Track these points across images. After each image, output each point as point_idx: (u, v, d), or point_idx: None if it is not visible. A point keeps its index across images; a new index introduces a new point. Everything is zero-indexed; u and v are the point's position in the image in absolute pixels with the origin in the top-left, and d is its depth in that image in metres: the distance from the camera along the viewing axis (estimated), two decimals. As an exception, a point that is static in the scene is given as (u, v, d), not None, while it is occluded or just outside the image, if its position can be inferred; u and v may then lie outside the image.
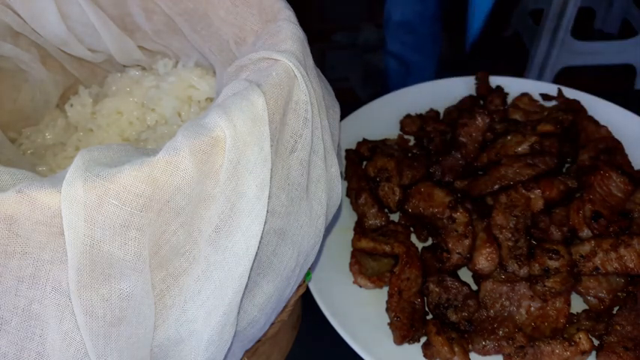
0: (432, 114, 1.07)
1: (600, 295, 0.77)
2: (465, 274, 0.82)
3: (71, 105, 0.76)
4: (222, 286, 0.47)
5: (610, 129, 0.97)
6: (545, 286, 0.73)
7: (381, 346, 0.74)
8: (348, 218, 0.91)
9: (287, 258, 0.54)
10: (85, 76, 0.80)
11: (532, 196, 0.82)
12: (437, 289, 0.78)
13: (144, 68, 0.80)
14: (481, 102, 1.09)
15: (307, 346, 0.81)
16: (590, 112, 1.02)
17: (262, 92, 0.46)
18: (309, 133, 0.52)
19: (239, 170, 0.45)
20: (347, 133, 1.02)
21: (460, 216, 0.81)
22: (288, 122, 0.51)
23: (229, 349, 0.51)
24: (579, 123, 0.98)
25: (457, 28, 1.57)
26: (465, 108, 1.05)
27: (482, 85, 1.10)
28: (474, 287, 0.80)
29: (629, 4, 2.67)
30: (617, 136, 0.96)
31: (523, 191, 0.82)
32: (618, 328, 0.72)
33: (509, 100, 1.09)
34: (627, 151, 0.95)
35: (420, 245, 0.87)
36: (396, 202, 0.88)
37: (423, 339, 0.75)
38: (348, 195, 0.94)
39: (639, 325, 0.72)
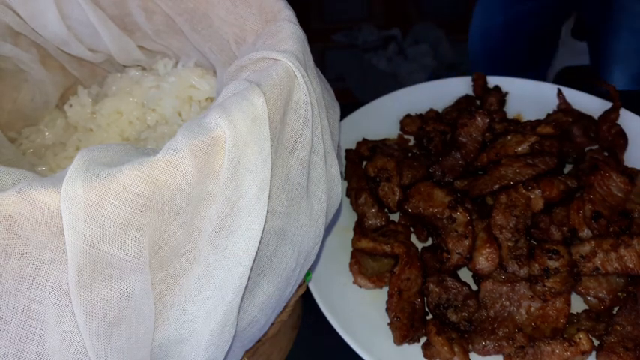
0: (432, 114, 1.07)
1: (600, 295, 0.77)
2: (465, 274, 0.82)
3: (70, 105, 0.76)
4: (222, 286, 0.47)
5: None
6: (545, 286, 0.73)
7: (381, 346, 0.74)
8: (348, 218, 0.91)
9: (287, 258, 0.54)
10: (85, 76, 0.80)
11: (532, 196, 0.82)
12: (437, 289, 0.78)
13: (144, 68, 0.80)
14: (477, 102, 1.09)
15: (307, 346, 0.81)
16: (590, 112, 1.02)
17: (262, 92, 0.46)
18: (309, 133, 0.52)
19: (239, 170, 0.45)
20: (347, 133, 1.02)
21: (460, 216, 0.81)
22: (288, 122, 0.51)
23: (229, 349, 0.51)
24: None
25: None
26: (461, 107, 1.05)
27: (478, 84, 1.10)
28: (474, 287, 0.80)
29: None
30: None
31: (523, 191, 0.82)
32: (618, 328, 0.72)
33: (509, 99, 1.09)
34: (628, 150, 0.95)
35: (420, 245, 0.87)
36: (396, 203, 0.88)
37: (423, 339, 0.75)
38: (348, 195, 0.94)
39: (639, 325, 0.72)
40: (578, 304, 0.78)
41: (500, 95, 1.08)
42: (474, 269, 0.79)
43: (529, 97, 1.09)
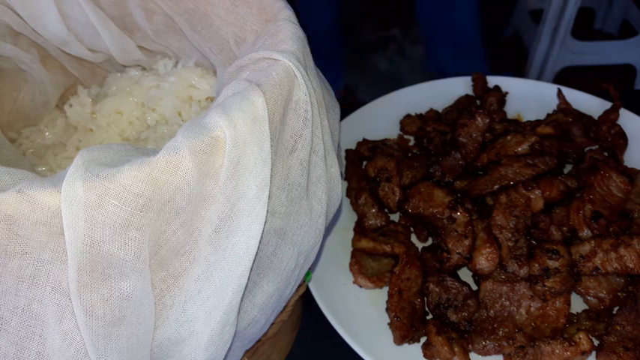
0: (432, 114, 1.07)
1: (600, 295, 0.77)
2: (465, 274, 0.82)
3: (70, 105, 0.76)
4: (222, 286, 0.47)
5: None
6: (545, 286, 0.73)
7: (381, 346, 0.74)
8: (348, 218, 0.91)
9: (287, 258, 0.54)
10: (85, 76, 0.80)
11: (532, 196, 0.82)
12: (437, 289, 0.78)
13: (144, 68, 0.80)
14: (477, 102, 1.09)
15: (307, 346, 0.81)
16: (590, 112, 1.02)
17: (262, 92, 0.46)
18: (309, 133, 0.52)
19: (239, 170, 0.45)
20: (347, 133, 1.02)
21: (460, 216, 0.81)
22: (288, 122, 0.51)
23: (229, 349, 0.51)
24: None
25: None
26: (461, 107, 1.05)
27: (478, 84, 1.10)
28: (474, 287, 0.80)
29: (629, 4, 2.67)
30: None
31: (523, 191, 0.82)
32: (618, 328, 0.72)
33: (509, 99, 1.09)
34: (628, 150, 0.95)
35: (420, 245, 0.87)
36: (396, 203, 0.88)
37: (423, 339, 0.75)
38: (348, 195, 0.94)
39: (639, 325, 0.72)
40: (578, 304, 0.78)
41: (500, 95, 1.08)
42: (474, 269, 0.79)
43: (529, 97, 1.09)
